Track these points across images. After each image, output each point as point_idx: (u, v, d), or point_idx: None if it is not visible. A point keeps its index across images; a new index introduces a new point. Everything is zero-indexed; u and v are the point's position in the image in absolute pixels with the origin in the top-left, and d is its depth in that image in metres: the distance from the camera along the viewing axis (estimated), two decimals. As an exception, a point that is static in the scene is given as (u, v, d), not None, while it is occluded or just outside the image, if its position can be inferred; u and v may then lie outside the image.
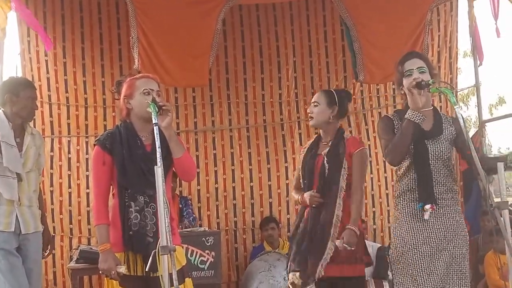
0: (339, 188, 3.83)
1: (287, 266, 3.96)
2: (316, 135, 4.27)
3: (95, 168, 3.35)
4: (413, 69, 3.52)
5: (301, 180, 4.11)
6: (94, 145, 3.42)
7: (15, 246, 4.16)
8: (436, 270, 3.42)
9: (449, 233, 3.47)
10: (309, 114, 4.08)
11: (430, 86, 3.38)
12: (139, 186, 3.25)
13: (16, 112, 4.25)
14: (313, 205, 3.89)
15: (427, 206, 3.43)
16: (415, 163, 3.49)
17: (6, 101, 4.25)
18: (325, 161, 3.92)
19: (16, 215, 4.15)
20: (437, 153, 3.50)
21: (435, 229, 3.46)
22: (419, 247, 3.45)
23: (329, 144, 3.99)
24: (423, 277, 3.41)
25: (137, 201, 3.24)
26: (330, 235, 3.75)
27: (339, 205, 3.80)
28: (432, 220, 3.46)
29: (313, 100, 4.09)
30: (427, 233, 3.46)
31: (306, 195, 3.93)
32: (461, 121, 3.17)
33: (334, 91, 4.12)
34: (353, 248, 3.66)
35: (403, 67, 3.58)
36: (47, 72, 6.40)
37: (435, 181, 3.49)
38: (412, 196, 3.51)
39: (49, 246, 4.68)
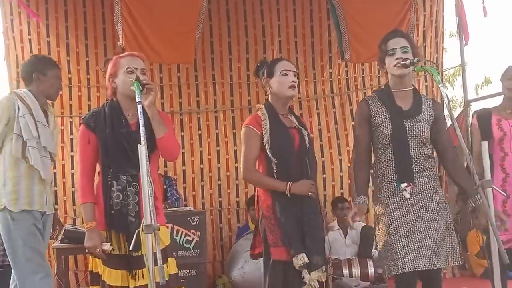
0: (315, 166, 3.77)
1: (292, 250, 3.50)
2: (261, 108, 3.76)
3: (81, 147, 3.33)
4: (396, 48, 3.52)
5: (273, 159, 3.57)
6: (80, 124, 3.41)
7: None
8: (418, 247, 3.44)
9: (429, 210, 3.48)
10: (294, 84, 3.66)
11: (415, 65, 3.38)
12: (122, 165, 3.21)
13: (42, 91, 4.16)
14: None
15: (403, 185, 3.45)
16: (393, 141, 3.50)
17: (33, 80, 4.15)
18: (305, 135, 3.68)
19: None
20: (415, 133, 3.50)
21: (415, 207, 3.48)
22: (400, 226, 3.46)
23: (290, 117, 3.71)
24: (401, 254, 3.42)
25: (120, 180, 3.21)
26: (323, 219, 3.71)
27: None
28: (412, 199, 3.48)
29: (293, 69, 3.70)
30: (407, 211, 3.47)
31: (305, 183, 3.56)
32: (445, 100, 3.16)
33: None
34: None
35: (386, 45, 3.58)
36: (31, 51, 6.31)
37: (413, 160, 3.49)
38: (391, 175, 3.52)
39: (57, 227, 4.67)
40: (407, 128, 3.50)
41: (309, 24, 6.97)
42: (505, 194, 4.06)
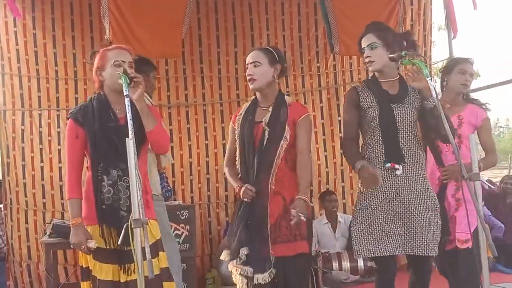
0: (273, 166, 3.48)
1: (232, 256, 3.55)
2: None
3: (68, 142, 3.30)
4: (365, 47, 3.61)
5: (237, 153, 3.62)
6: (67, 118, 3.37)
7: None
8: (395, 232, 3.49)
9: (412, 197, 3.51)
10: (250, 76, 3.56)
11: (402, 58, 3.39)
12: (112, 160, 3.20)
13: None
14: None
15: (388, 165, 3.48)
16: (381, 124, 3.54)
17: None
18: (266, 131, 3.53)
19: None
20: (402, 117, 3.55)
21: (399, 192, 3.50)
22: (381, 210, 3.50)
23: (269, 110, 3.57)
24: (382, 238, 3.47)
25: (110, 174, 3.20)
26: (267, 218, 3.46)
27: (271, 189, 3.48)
28: (396, 184, 3.51)
29: (252, 60, 3.58)
30: (391, 195, 3.50)
31: (242, 189, 3.49)
32: (433, 93, 3.17)
33: (271, 48, 3.68)
34: (305, 218, 3.33)
35: (360, 44, 3.66)
36: (16, 44, 6.27)
37: (401, 141, 3.53)
38: (379, 157, 3.54)
39: None
40: (394, 111, 3.54)
41: (296, 18, 6.94)
42: (493, 187, 4.08)
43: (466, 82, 4.15)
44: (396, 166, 3.48)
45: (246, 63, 3.62)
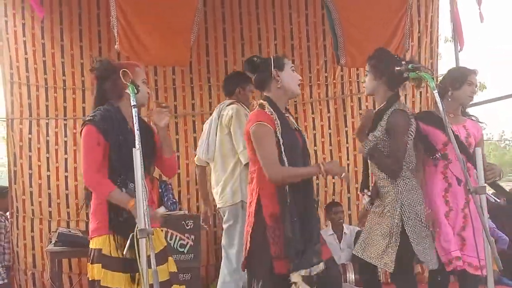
0: None
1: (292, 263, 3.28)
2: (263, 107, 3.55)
3: (89, 147, 3.26)
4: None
5: (285, 160, 3.38)
6: (85, 123, 3.31)
7: None
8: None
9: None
10: (301, 82, 3.64)
11: (410, 72, 3.40)
12: (131, 173, 3.12)
13: (242, 102, 4.96)
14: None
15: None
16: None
17: (235, 93, 5.04)
18: (305, 138, 3.64)
19: None
20: None
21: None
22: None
23: (289, 117, 3.59)
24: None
25: (128, 187, 3.22)
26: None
27: None
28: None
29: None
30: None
31: (337, 163, 3.60)
32: (440, 106, 3.18)
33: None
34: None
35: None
36: (25, 53, 6.32)
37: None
38: None
39: None
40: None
41: (304, 28, 6.96)
42: (499, 200, 4.07)
43: (472, 94, 4.15)
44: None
45: (293, 66, 3.60)
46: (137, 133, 2.92)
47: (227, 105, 4.93)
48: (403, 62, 3.66)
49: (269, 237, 3.29)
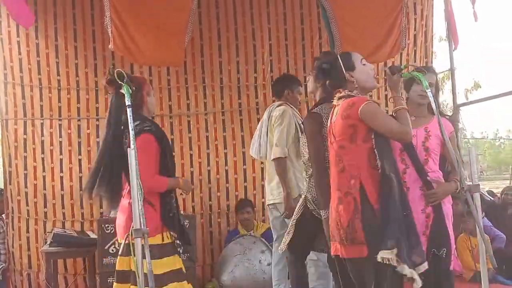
0: None
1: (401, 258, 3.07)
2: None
3: (150, 153, 3.53)
4: None
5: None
6: (145, 132, 3.53)
7: None
8: None
9: None
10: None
11: (402, 71, 3.40)
12: (173, 176, 3.73)
13: (290, 104, 5.14)
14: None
15: None
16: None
17: (284, 95, 5.16)
18: None
19: None
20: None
21: None
22: None
23: None
24: None
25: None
26: None
27: None
28: None
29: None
30: None
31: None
32: (433, 104, 3.19)
33: None
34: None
35: None
36: (19, 53, 6.30)
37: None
38: None
39: None
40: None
41: (300, 27, 6.96)
42: (494, 198, 4.07)
43: (422, 92, 3.72)
44: None
45: (363, 57, 3.51)
46: (131, 133, 2.94)
47: (276, 107, 5.11)
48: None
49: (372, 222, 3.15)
